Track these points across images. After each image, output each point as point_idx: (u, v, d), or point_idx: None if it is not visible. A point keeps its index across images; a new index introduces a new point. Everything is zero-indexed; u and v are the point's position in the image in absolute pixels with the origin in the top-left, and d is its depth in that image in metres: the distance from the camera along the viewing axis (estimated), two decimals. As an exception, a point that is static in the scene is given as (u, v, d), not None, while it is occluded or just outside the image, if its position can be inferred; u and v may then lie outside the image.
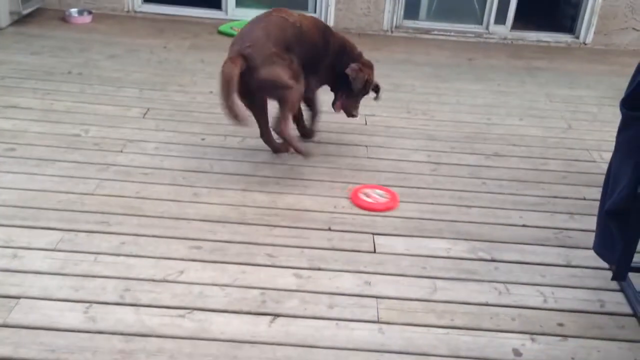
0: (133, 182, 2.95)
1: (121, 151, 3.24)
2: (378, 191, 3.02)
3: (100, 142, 3.32)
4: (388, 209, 2.90)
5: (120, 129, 3.47)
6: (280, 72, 2.87)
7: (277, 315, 2.18)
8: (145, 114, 3.71)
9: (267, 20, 3.00)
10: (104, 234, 2.54)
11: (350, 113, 3.36)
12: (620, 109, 1.97)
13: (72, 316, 2.09)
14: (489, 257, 2.60)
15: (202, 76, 4.40)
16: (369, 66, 3.30)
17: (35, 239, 2.47)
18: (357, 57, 3.29)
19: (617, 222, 2.02)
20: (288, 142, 3.08)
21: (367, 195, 2.97)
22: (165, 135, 3.45)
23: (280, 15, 3.03)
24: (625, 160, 1.95)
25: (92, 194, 2.83)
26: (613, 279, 2.10)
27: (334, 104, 3.33)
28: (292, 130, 3.23)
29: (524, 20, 5.89)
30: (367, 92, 3.35)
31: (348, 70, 3.17)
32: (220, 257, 2.47)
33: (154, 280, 2.29)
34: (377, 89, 3.45)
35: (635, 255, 2.58)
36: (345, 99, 3.29)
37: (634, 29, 5.74)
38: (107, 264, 2.36)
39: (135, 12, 5.70)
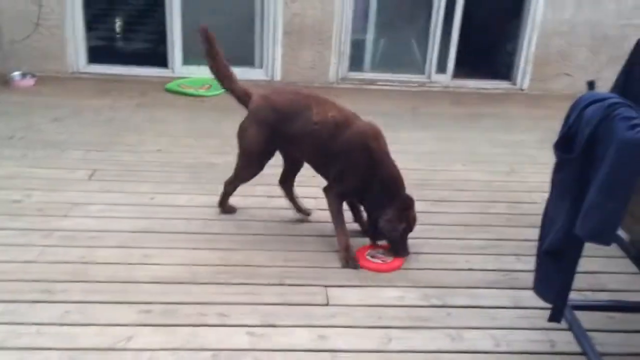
0: (78, 247, 2.88)
1: (66, 215, 3.17)
2: (382, 251, 2.99)
3: (43, 207, 3.24)
4: (394, 268, 2.88)
5: (65, 192, 3.41)
6: None
7: (230, 377, 2.13)
8: (91, 175, 3.66)
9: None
10: (48, 303, 2.46)
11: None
12: (554, 152, 2.05)
13: (13, 392, 2.00)
14: (440, 303, 2.62)
15: (151, 134, 4.39)
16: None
17: (-26, 312, 2.37)
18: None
19: (554, 262, 2.08)
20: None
21: (373, 257, 2.96)
22: (113, 197, 3.40)
23: None
24: (560, 202, 2.02)
25: (35, 262, 2.74)
26: (549, 320, 2.15)
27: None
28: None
29: (463, 69, 6.13)
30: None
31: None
32: (170, 319, 2.42)
33: (99, 349, 2.22)
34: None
35: (579, 293, 2.66)
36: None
37: (566, 74, 6.03)
38: (51, 335, 2.28)
39: (81, 73, 5.68)
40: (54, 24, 5.48)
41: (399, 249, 2.94)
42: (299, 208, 3.32)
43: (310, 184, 3.29)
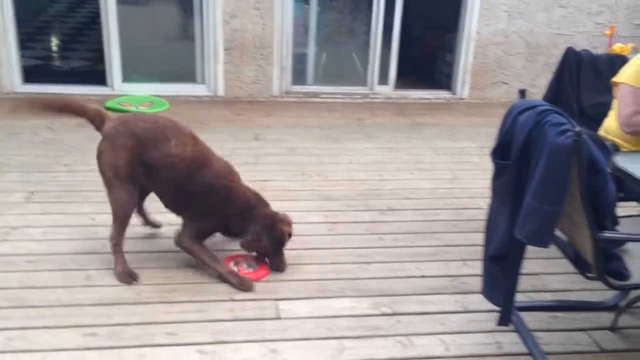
0: (18, 271, 2.78)
1: (4, 240, 3.05)
2: (245, 260, 2.96)
3: (-21, 232, 3.11)
4: (262, 276, 2.86)
5: (2, 216, 3.28)
6: None
7: (181, 398, 2.09)
8: (29, 198, 3.54)
9: None
10: (-13, 332, 2.36)
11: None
12: (491, 159, 2.11)
13: None
14: (390, 311, 2.65)
15: (91, 154, 4.21)
16: None
17: None
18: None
19: (499, 266, 2.13)
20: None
21: (237, 264, 2.93)
22: (53, 219, 3.30)
23: None
24: (501, 207, 2.08)
25: (-28, 289, 2.63)
26: (499, 323, 2.21)
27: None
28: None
29: (405, 80, 6.24)
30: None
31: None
32: (117, 342, 2.35)
33: (44, 376, 2.14)
34: None
35: (524, 295, 2.74)
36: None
37: (503, 82, 6.23)
38: (-9, 365, 2.18)
39: (16, 93, 5.50)
40: (-14, 43, 5.29)
41: (276, 263, 2.91)
42: (149, 222, 3.22)
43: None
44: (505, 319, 2.20)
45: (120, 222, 2.82)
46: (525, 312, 2.60)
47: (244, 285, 2.76)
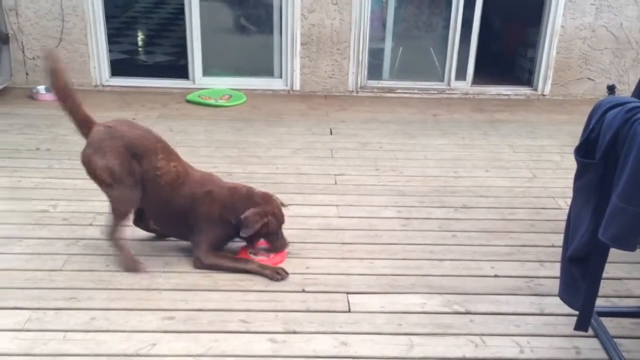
0: (102, 255, 2.92)
1: (90, 224, 3.22)
2: (264, 247, 2.96)
3: (69, 216, 3.29)
4: (278, 263, 2.88)
5: (89, 202, 3.45)
6: None
7: (252, 384, 2.14)
8: (114, 185, 3.70)
9: None
10: (73, 310, 2.50)
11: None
12: (575, 157, 2.03)
13: (40, 398, 2.03)
14: (463, 310, 2.60)
15: (171, 145, 4.41)
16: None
17: (2, 320, 2.42)
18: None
19: (579, 269, 2.05)
20: None
21: (255, 254, 2.94)
22: (135, 206, 3.44)
23: None
24: (583, 207, 2.00)
25: (61, 270, 2.79)
26: (576, 328, 2.12)
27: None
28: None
29: (483, 75, 6.10)
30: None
31: None
32: (193, 326, 2.44)
33: (125, 355, 2.25)
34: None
35: (607, 299, 2.62)
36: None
37: (588, 78, 5.97)
38: (77, 341, 2.31)
39: (104, 86, 5.77)
40: (77, 39, 5.57)
41: (275, 243, 2.88)
42: (150, 228, 3.12)
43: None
44: (584, 324, 2.12)
45: (121, 220, 2.82)
46: (606, 318, 2.49)
47: (279, 275, 2.78)
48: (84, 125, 2.82)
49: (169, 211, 2.87)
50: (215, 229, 2.85)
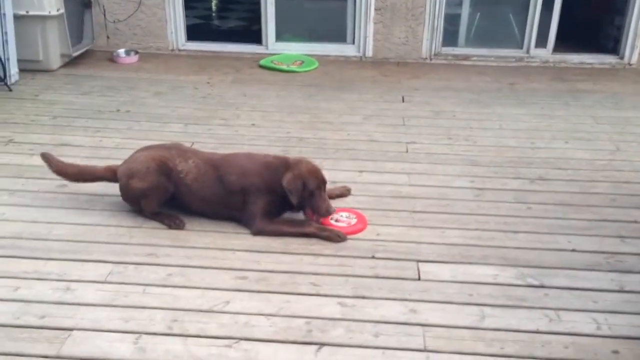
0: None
1: (167, 185, 3.31)
2: (344, 214, 2.98)
3: (147, 176, 3.40)
4: (358, 231, 2.88)
5: (167, 163, 3.55)
6: None
7: (322, 345, 2.17)
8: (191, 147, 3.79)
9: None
10: (152, 266, 2.60)
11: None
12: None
13: (122, 347, 2.14)
14: (537, 283, 2.54)
15: (245, 109, 4.50)
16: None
17: (86, 272, 2.55)
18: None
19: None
20: None
21: (337, 220, 2.94)
22: (210, 168, 3.51)
23: None
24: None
25: (140, 227, 2.90)
26: None
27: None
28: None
29: (565, 43, 5.83)
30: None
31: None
32: (265, 287, 2.49)
33: (201, 311, 2.33)
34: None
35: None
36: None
37: (681, 47, 5.61)
38: (156, 295, 2.41)
39: (180, 50, 5.89)
40: (155, 4, 5.69)
41: (316, 205, 2.83)
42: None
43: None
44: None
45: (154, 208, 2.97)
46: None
47: (339, 237, 2.81)
48: (109, 175, 3.03)
49: (209, 197, 2.94)
50: (264, 197, 2.89)
